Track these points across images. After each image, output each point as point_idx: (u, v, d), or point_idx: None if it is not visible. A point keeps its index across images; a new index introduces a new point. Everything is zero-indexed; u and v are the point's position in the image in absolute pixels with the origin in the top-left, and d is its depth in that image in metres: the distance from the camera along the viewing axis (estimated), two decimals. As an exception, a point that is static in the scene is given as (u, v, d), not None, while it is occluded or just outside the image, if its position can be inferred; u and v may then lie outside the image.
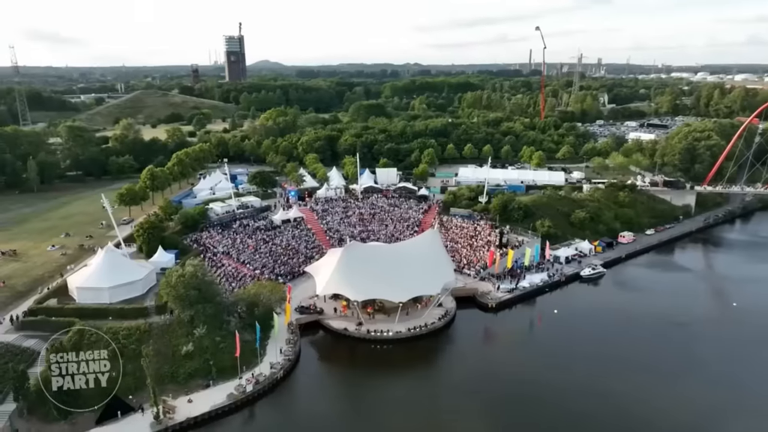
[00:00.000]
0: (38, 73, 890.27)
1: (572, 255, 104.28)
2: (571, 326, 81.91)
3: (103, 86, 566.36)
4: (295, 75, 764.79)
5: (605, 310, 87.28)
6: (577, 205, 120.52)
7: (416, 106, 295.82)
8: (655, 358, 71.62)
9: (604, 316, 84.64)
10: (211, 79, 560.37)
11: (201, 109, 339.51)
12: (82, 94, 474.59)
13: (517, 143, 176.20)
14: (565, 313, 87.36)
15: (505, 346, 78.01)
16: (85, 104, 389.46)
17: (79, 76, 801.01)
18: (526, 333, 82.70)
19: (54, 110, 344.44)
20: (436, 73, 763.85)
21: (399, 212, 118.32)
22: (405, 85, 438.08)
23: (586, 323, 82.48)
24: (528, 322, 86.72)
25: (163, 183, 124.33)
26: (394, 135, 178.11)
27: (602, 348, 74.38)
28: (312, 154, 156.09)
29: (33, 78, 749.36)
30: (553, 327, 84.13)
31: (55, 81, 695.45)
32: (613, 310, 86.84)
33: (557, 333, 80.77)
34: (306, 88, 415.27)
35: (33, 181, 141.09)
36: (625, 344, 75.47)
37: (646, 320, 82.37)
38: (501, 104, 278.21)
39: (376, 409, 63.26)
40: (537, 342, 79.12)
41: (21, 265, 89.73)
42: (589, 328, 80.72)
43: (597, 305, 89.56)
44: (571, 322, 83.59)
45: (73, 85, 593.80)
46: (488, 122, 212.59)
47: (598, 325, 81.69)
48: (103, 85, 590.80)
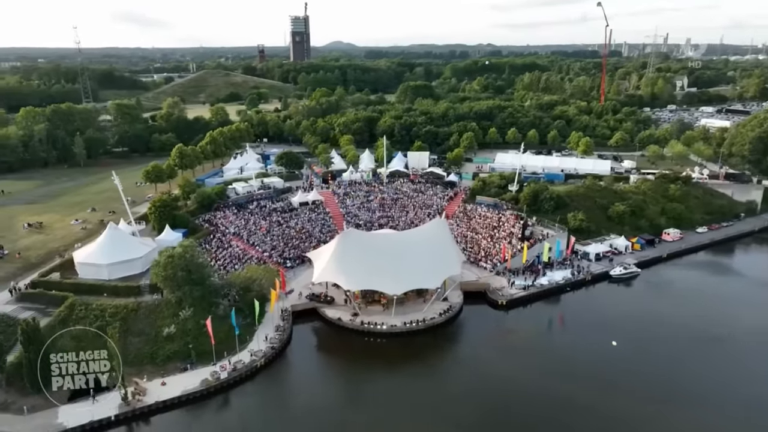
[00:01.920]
0: (125, 54, 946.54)
1: (604, 252, 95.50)
2: (588, 332, 74.43)
3: (177, 66, 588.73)
4: (363, 56, 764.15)
5: (632, 315, 78.31)
6: (619, 198, 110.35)
7: (468, 88, 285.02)
8: (680, 379, 62.88)
9: (630, 323, 75.64)
10: (280, 59, 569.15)
11: (259, 89, 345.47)
12: (156, 74, 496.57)
13: (567, 128, 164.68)
14: (584, 316, 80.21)
15: (507, 349, 71.75)
16: (155, 83, 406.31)
17: (161, 57, 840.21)
18: (534, 336, 75.97)
19: (125, 88, 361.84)
20: (507, 54, 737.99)
21: (422, 198, 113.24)
22: (466, 66, 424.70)
23: (606, 329, 73.85)
24: (540, 323, 79.68)
25: (192, 161, 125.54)
26: (435, 117, 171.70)
27: (620, 360, 66.44)
28: (347, 136, 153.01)
29: (119, 58, 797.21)
30: (566, 331, 77.64)
31: (138, 61, 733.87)
32: (642, 316, 77.79)
33: (570, 338, 73.87)
34: (364, 69, 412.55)
35: (80, 156, 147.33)
36: (649, 358, 66.74)
37: (680, 331, 72.94)
38: (560, 86, 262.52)
39: (352, 404, 59.94)
40: (545, 347, 71.84)
41: (43, 237, 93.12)
42: (609, 335, 71.82)
43: (623, 309, 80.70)
44: (589, 326, 76.22)
45: (151, 65, 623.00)
46: (541, 105, 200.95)
47: (620, 333, 72.38)
48: (177, 65, 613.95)
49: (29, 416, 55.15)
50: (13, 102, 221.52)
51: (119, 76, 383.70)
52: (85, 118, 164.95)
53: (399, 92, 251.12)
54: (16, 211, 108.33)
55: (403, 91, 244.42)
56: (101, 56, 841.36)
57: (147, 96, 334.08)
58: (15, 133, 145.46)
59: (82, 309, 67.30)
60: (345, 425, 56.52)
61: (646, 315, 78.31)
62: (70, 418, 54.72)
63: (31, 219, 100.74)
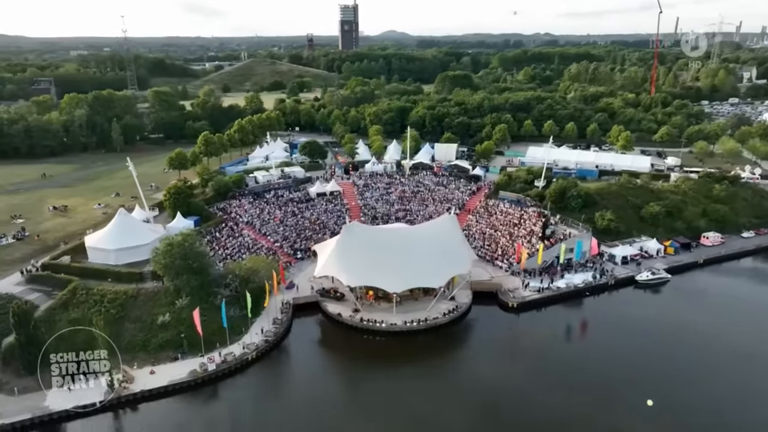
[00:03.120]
0: (185, 43, 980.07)
1: (632, 255, 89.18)
2: (602, 341, 69.50)
3: (229, 55, 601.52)
4: (414, 45, 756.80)
5: (655, 325, 71.99)
6: (655, 197, 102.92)
7: (511, 79, 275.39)
8: (698, 397, 57.72)
9: (651, 333, 69.66)
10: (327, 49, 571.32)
11: (303, 78, 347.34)
12: (208, 62, 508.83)
13: (609, 122, 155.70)
14: (601, 324, 75.20)
15: (510, 355, 67.72)
16: (205, 71, 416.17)
17: (218, 46, 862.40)
18: (542, 342, 71.34)
19: (176, 76, 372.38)
20: (564, 43, 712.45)
21: (444, 192, 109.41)
22: (515, 56, 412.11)
23: (624, 339, 68.47)
24: (551, 329, 74.57)
25: (218, 149, 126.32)
26: (470, 108, 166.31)
27: (633, 374, 60.83)
28: (376, 126, 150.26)
29: (179, 47, 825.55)
30: (579, 338, 73.08)
31: (197, 50, 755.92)
32: (665, 326, 71.46)
33: (582, 347, 69.50)
34: (409, 58, 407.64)
35: (116, 142, 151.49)
36: (667, 373, 61.06)
37: (706, 345, 67.05)
38: (610, 77, 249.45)
39: (339, 403, 57.76)
40: (552, 355, 66.95)
41: (65, 220, 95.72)
42: (626, 347, 66.40)
43: (646, 318, 74.32)
44: (604, 335, 71.19)
45: (205, 54, 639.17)
46: (585, 97, 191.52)
47: (639, 344, 66.79)
48: (230, 54, 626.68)
49: (19, 397, 56.11)
50: (70, 89, 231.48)
51: (170, 65, 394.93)
52: (124, 105, 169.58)
53: (437, 82, 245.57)
54: (48, 193, 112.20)
55: (441, 81, 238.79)
56: (162, 45, 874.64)
57: (195, 84, 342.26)
58: (57, 119, 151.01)
59: (83, 293, 68.20)
60: (328, 424, 54.56)
61: (671, 325, 72.02)
62: (56, 402, 55.23)
63: (58, 202, 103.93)
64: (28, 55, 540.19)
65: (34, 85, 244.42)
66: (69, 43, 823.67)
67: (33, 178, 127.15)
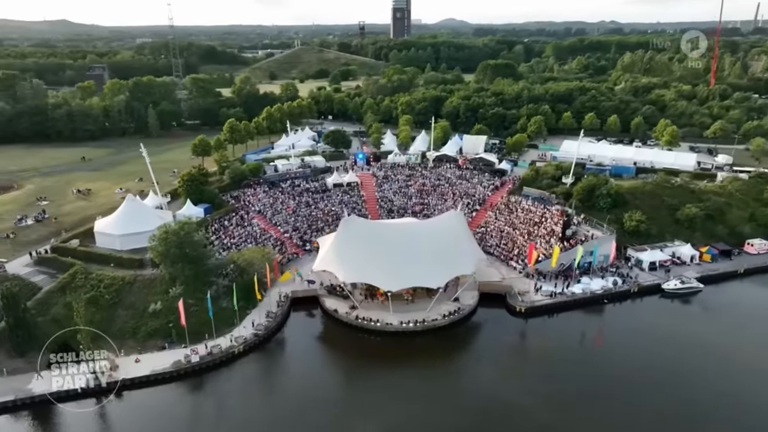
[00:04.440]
0: (245, 31, 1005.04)
1: (662, 261, 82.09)
2: (615, 356, 63.50)
3: (283, 43, 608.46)
4: (471, 34, 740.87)
5: (679, 343, 64.69)
6: (695, 198, 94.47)
7: (560, 69, 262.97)
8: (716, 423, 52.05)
9: (673, 352, 62.42)
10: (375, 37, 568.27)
11: (349, 66, 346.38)
12: (261, 50, 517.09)
13: (657, 115, 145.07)
14: (615, 334, 69.82)
15: (508, 364, 62.98)
16: (255, 59, 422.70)
17: (276, 34, 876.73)
18: (546, 352, 66.24)
19: (226, 64, 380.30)
20: (629, 31, 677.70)
21: (465, 186, 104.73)
22: (570, 45, 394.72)
23: (638, 353, 62.42)
24: (558, 337, 69.28)
25: (243, 136, 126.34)
26: (507, 99, 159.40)
27: (643, 393, 55.45)
28: (406, 116, 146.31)
29: (237, 35, 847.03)
30: (588, 350, 67.68)
31: (254, 38, 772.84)
32: (691, 345, 64.44)
33: (590, 362, 63.45)
34: (458, 47, 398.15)
35: (153, 127, 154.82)
36: (681, 394, 55.41)
37: (733, 365, 60.33)
38: (667, 68, 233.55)
39: (321, 404, 55.20)
40: (555, 367, 61.25)
41: (85, 203, 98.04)
42: (641, 365, 59.99)
43: (667, 331, 67.26)
44: (617, 347, 65.59)
45: (260, 42, 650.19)
46: (636, 88, 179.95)
47: (658, 363, 60.11)
48: (284, 42, 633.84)
49: (8, 378, 56.98)
50: (123, 75, 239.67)
51: (221, 52, 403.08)
52: (163, 91, 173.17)
53: (478, 71, 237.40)
54: (78, 177, 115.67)
55: (482, 70, 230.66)
56: (223, 33, 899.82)
57: (243, 71, 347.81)
58: (98, 104, 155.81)
59: (82, 278, 68.93)
60: (306, 423, 52.42)
61: (697, 343, 65.20)
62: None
63: (85, 185, 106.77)
64: (97, 43, 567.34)
65: (89, 71, 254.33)
66: (137, 32, 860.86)
67: (69, 161, 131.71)
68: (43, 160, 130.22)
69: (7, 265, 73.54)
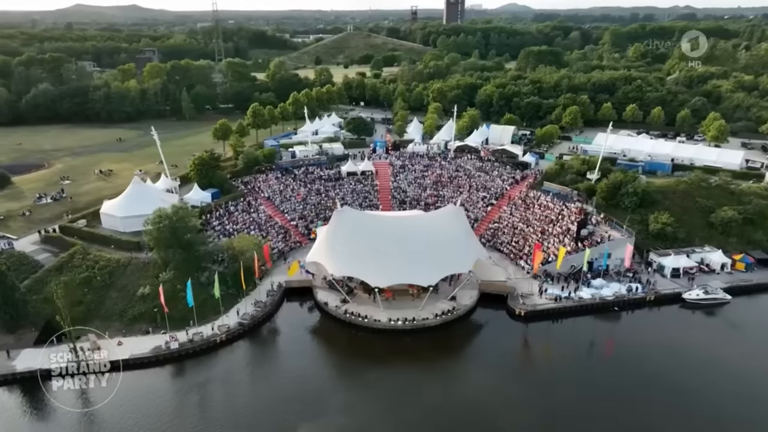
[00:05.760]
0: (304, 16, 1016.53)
1: (687, 267, 75.31)
2: (616, 371, 58.04)
3: (336, 28, 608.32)
4: (531, 19, 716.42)
5: (694, 360, 59.08)
6: (734, 200, 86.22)
7: (604, 57, 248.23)
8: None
9: (687, 371, 56.98)
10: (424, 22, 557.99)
11: (395, 51, 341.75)
12: (313, 35, 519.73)
13: (707, 108, 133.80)
14: (621, 346, 64.57)
15: (498, 372, 58.91)
16: (305, 44, 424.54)
17: (334, 19, 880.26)
18: (542, 361, 62.14)
19: (275, 48, 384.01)
20: (703, 17, 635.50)
21: (484, 179, 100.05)
22: (630, 31, 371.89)
23: (649, 375, 56.23)
24: (558, 346, 64.45)
25: (266, 121, 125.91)
26: (545, 88, 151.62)
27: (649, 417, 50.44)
28: (435, 104, 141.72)
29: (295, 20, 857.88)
30: (586, 363, 62.27)
31: (312, 23, 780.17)
32: (706, 360, 58.98)
33: (587, 374, 58.52)
34: (510, 33, 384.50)
35: (186, 110, 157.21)
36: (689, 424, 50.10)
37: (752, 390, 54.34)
38: (732, 56, 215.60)
39: (292, 400, 53.44)
40: (550, 381, 57.00)
41: (103, 184, 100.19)
42: (648, 384, 54.68)
43: (684, 350, 60.71)
44: (621, 364, 59.44)
45: (313, 27, 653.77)
46: (691, 78, 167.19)
47: (666, 382, 54.84)
48: (337, 27, 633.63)
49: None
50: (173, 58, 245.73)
51: (271, 37, 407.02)
52: (200, 75, 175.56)
53: (520, 58, 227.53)
54: (105, 157, 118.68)
55: (524, 58, 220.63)
56: (282, 18, 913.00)
57: (291, 56, 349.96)
58: (135, 87, 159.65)
59: (80, 258, 70.03)
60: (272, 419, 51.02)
61: (712, 358, 59.40)
62: (22, 362, 56.97)
63: (109, 166, 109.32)
64: (159, 27, 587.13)
65: (139, 54, 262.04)
66: (199, 16, 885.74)
67: (102, 141, 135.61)
68: (78, 141, 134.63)
69: (16, 242, 75.82)
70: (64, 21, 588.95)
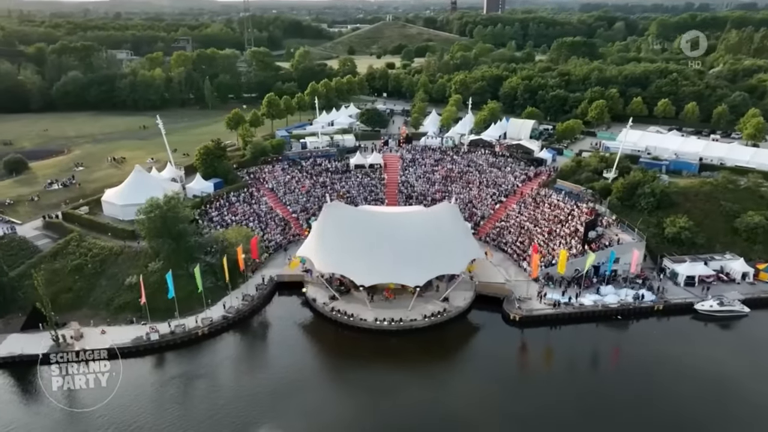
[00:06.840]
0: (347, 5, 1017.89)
1: (704, 275, 70.04)
2: (617, 387, 54.35)
3: (375, 18, 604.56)
4: (577, 10, 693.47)
5: (700, 379, 54.40)
6: (765, 204, 79.81)
7: (642, 48, 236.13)
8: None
9: (691, 391, 52.73)
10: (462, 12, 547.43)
11: (429, 42, 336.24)
12: (351, 24, 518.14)
13: (748, 104, 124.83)
14: (623, 359, 60.24)
15: (488, 382, 55.23)
16: (341, 33, 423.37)
17: (376, 9, 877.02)
18: (534, 373, 58.61)
19: (310, 38, 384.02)
20: (764, 6, 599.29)
21: (495, 175, 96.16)
22: (678, 22, 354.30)
23: (648, 391, 52.16)
24: (553, 355, 61.19)
25: (281, 111, 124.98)
26: (573, 80, 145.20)
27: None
28: (456, 96, 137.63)
29: (337, 9, 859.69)
30: (583, 377, 58.17)
31: (353, 12, 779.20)
32: (716, 382, 53.90)
33: (584, 390, 54.30)
34: (549, 23, 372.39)
35: (208, 99, 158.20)
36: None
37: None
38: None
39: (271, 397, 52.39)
40: (539, 393, 53.76)
41: (114, 171, 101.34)
42: (646, 402, 50.99)
43: (690, 366, 56.28)
44: (621, 380, 55.35)
45: (351, 17, 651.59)
46: (735, 72, 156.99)
47: (666, 402, 50.83)
48: (377, 17, 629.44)
49: (-18, 337, 59.50)
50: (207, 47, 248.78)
51: (306, 26, 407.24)
52: (225, 64, 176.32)
53: (552, 49, 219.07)
54: (123, 145, 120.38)
55: (556, 49, 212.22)
56: (324, 7, 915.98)
57: (324, 46, 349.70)
58: (160, 75, 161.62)
59: (74, 245, 70.58)
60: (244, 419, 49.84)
61: (722, 376, 54.64)
62: (5, 348, 57.61)
63: (123, 154, 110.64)
64: (203, 16, 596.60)
65: (174, 44, 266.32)
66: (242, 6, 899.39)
67: (125, 129, 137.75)
68: (101, 128, 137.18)
69: (19, 227, 77.22)
70: (114, 11, 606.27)
